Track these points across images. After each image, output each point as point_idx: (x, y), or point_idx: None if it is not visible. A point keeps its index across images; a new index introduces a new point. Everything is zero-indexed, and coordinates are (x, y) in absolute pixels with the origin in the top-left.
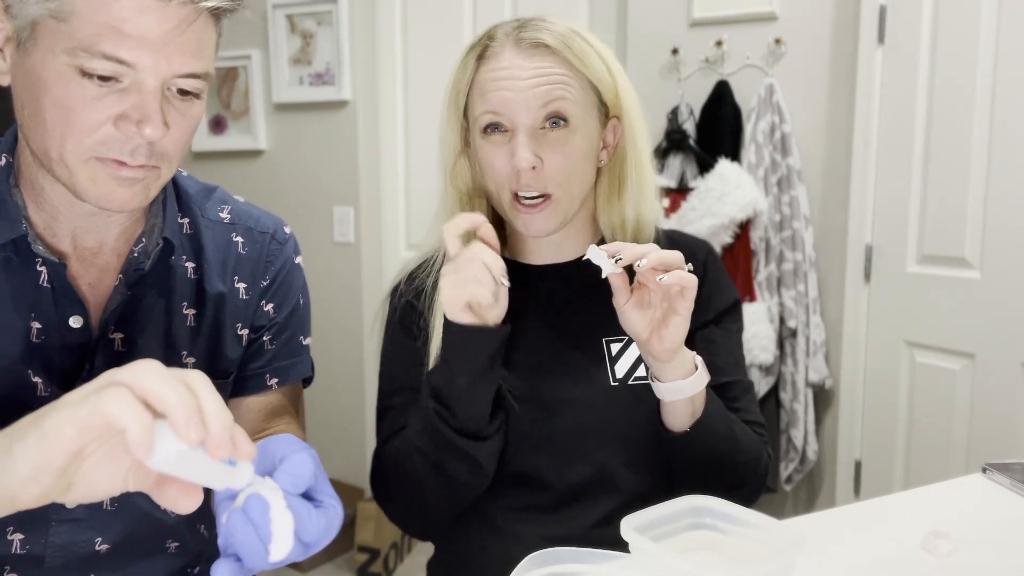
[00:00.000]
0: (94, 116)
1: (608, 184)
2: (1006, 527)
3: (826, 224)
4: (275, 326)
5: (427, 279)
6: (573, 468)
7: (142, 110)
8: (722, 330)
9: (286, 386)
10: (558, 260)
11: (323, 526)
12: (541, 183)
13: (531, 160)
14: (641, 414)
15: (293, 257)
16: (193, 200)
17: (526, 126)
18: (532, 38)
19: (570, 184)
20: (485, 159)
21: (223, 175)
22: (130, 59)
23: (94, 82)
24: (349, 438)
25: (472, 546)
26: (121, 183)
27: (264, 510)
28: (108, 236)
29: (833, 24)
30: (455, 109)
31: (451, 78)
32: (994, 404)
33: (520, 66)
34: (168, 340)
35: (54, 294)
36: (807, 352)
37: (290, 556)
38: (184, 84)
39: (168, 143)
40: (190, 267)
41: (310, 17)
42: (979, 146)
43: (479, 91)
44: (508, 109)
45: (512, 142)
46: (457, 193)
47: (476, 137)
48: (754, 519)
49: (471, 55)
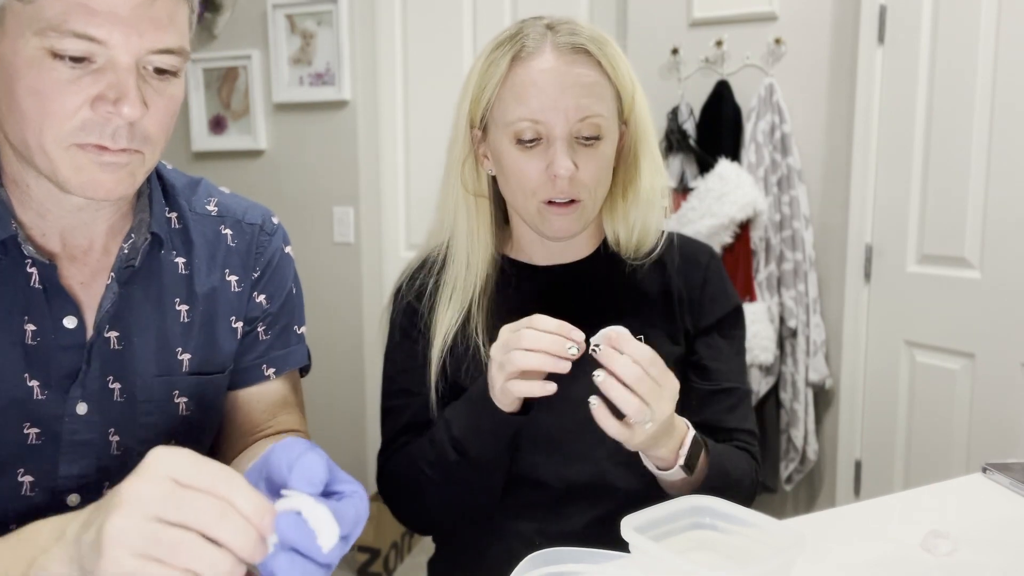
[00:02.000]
0: (70, 100)
1: (614, 187)
2: (1006, 527)
3: (826, 224)
4: (269, 317)
5: (428, 280)
6: (572, 467)
7: (118, 89)
8: (724, 336)
9: (284, 376)
10: (561, 261)
11: (352, 516)
12: (574, 189)
13: (571, 168)
14: None
15: (282, 247)
16: (180, 193)
17: (564, 134)
18: (572, 42)
19: (599, 190)
20: (514, 166)
21: (223, 175)
22: (100, 36)
23: (66, 64)
24: (349, 438)
25: (472, 545)
26: (104, 169)
27: (298, 520)
28: (97, 233)
29: (833, 24)
30: (475, 107)
31: (475, 75)
32: (994, 404)
33: (562, 71)
34: (163, 337)
35: (46, 295)
36: (807, 352)
37: (337, 551)
38: (159, 61)
39: (149, 125)
40: (180, 262)
41: (310, 17)
42: (979, 146)
43: (514, 94)
44: (547, 117)
45: (549, 150)
46: (464, 192)
47: (503, 142)
48: (754, 519)
49: (503, 54)
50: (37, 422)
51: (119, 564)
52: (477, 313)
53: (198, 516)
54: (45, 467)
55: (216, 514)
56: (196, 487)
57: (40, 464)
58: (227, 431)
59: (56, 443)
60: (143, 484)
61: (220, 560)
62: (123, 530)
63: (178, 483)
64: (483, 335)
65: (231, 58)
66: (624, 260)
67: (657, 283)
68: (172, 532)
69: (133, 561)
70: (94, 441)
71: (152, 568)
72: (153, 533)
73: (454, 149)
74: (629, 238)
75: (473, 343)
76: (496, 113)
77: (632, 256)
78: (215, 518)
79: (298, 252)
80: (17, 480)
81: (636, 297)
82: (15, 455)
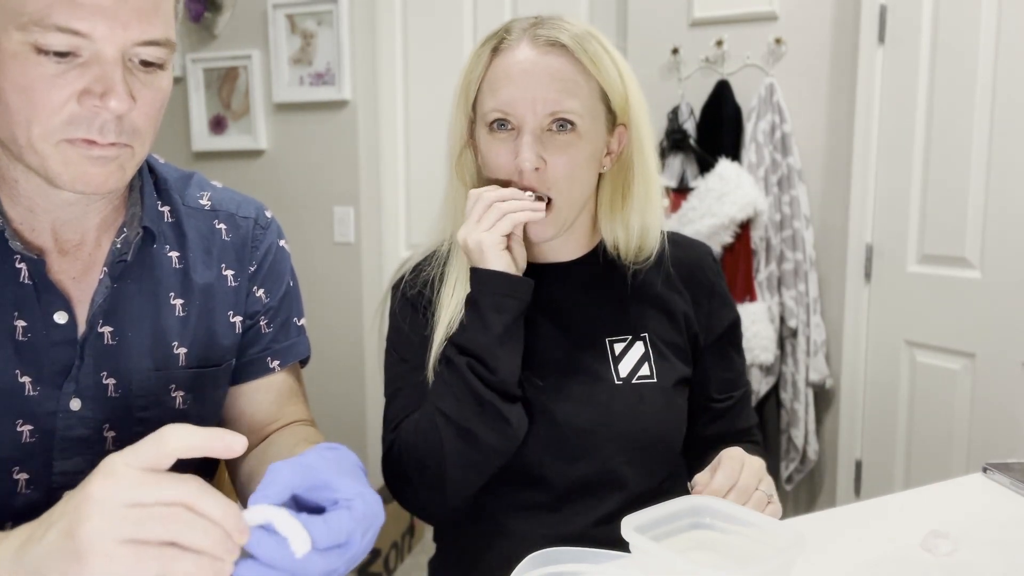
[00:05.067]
0: (56, 95)
1: (611, 191)
2: (1006, 527)
3: (826, 224)
4: (270, 310)
5: (433, 271)
6: (575, 466)
7: (104, 82)
8: (732, 344)
9: (289, 368)
10: (559, 260)
11: (326, 530)
12: (543, 185)
13: (535, 161)
14: (644, 413)
15: (277, 241)
16: (172, 187)
17: (532, 127)
18: (548, 36)
19: (571, 188)
20: (488, 154)
21: (223, 175)
22: (84, 29)
23: (52, 59)
24: (349, 438)
25: (474, 544)
26: (94, 162)
27: (267, 533)
28: (88, 227)
29: (833, 24)
30: (465, 100)
31: (464, 69)
32: (994, 404)
33: (532, 62)
34: (157, 331)
35: (35, 290)
36: (807, 352)
37: (330, 565)
38: (145, 53)
39: (137, 118)
40: (174, 256)
41: (310, 17)
42: (979, 146)
43: (490, 85)
44: (515, 108)
45: (517, 141)
46: (462, 184)
47: (482, 132)
48: (754, 519)
49: (486, 47)
50: (30, 419)
51: (109, 559)
52: None
53: (176, 492)
54: (39, 464)
55: (195, 487)
56: (159, 474)
57: (34, 461)
58: (237, 427)
59: (50, 440)
60: (106, 480)
61: (210, 529)
62: (102, 526)
63: (143, 470)
64: None
65: (231, 58)
66: (623, 263)
67: (658, 288)
68: (155, 508)
69: (123, 549)
70: (89, 437)
71: (146, 551)
72: (136, 514)
73: (450, 141)
74: (629, 243)
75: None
76: (478, 105)
77: (632, 260)
78: (194, 492)
79: (298, 252)
80: (12, 478)
81: (636, 301)
82: (9, 453)
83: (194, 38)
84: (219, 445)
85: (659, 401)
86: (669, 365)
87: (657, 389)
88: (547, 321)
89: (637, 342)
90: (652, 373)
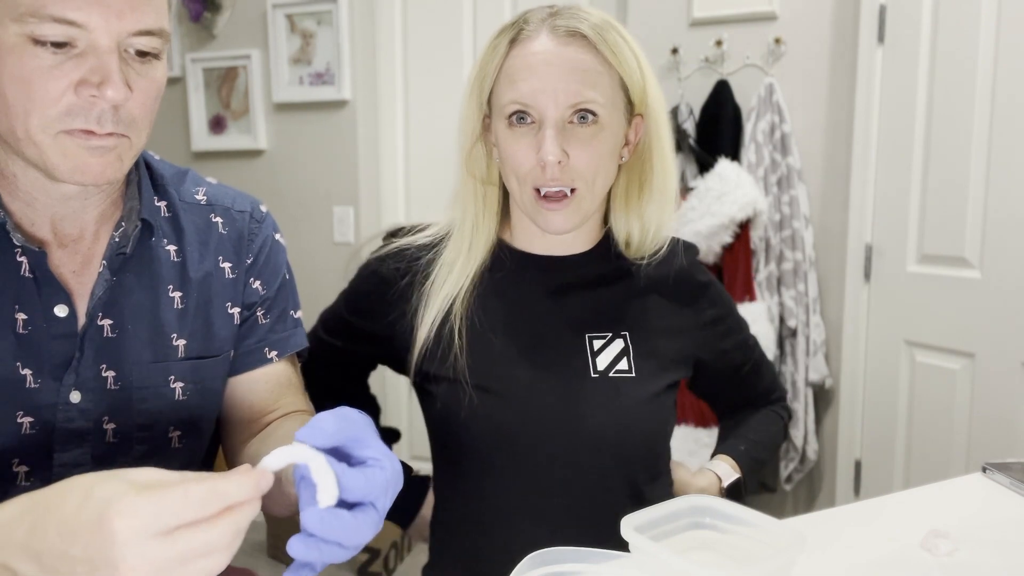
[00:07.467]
0: (53, 85)
1: (627, 184)
2: (1006, 527)
3: (826, 224)
4: (267, 301)
5: (423, 255)
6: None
7: (101, 72)
8: (739, 344)
9: (286, 359)
10: (557, 253)
11: (362, 483)
12: (567, 178)
13: (558, 155)
14: (621, 406)
15: (273, 234)
16: (168, 183)
17: (554, 119)
18: (568, 26)
19: (595, 181)
20: (508, 150)
21: (223, 175)
22: (79, 19)
23: (48, 50)
24: None
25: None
26: (92, 152)
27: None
28: (87, 221)
29: (833, 24)
30: (479, 92)
31: (478, 60)
32: (994, 404)
33: (554, 53)
34: (157, 323)
35: (36, 284)
36: (807, 352)
37: (343, 527)
38: (140, 44)
39: (134, 108)
40: (172, 250)
41: (310, 17)
42: (979, 146)
43: (508, 77)
44: (537, 100)
45: (539, 135)
46: (472, 180)
47: (500, 126)
48: (754, 519)
49: (503, 38)
50: (31, 411)
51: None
52: (464, 293)
53: (198, 504)
54: (40, 457)
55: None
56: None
57: (35, 454)
58: (235, 416)
59: (50, 432)
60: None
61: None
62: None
63: (143, 486)
64: (463, 316)
65: (231, 58)
66: (628, 260)
67: (660, 292)
68: (181, 532)
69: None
70: (89, 429)
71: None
72: (164, 545)
73: (461, 136)
74: (644, 237)
75: (450, 323)
76: (494, 98)
77: (641, 257)
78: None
79: (298, 252)
80: (12, 471)
81: (636, 302)
82: (9, 445)
83: (194, 38)
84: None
85: (636, 394)
86: (655, 363)
87: (636, 383)
88: (530, 312)
89: (617, 339)
90: (631, 368)
